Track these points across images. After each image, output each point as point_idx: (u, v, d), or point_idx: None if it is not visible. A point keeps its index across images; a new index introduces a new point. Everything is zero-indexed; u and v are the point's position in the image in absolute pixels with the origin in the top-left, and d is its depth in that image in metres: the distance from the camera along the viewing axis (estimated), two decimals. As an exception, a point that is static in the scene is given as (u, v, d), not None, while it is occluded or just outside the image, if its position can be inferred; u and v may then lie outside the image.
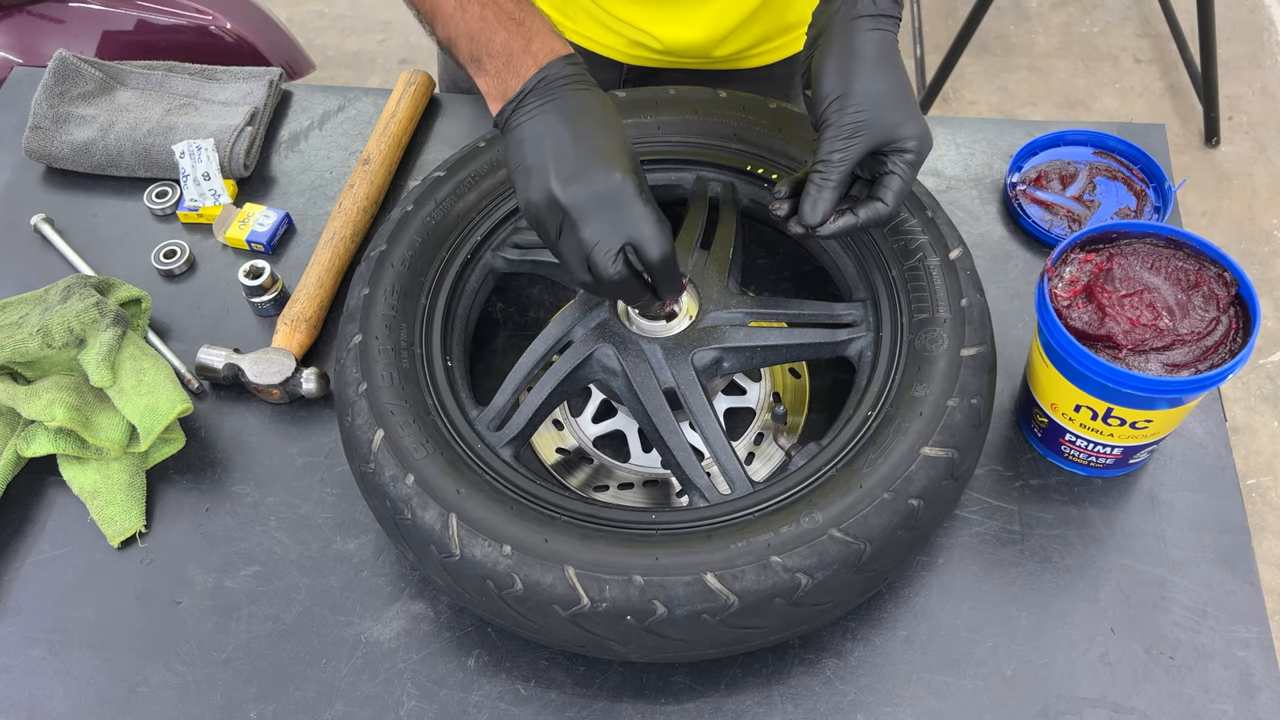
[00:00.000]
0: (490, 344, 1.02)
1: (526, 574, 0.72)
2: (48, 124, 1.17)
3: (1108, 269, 0.83)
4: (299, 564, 0.88)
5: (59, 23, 1.71)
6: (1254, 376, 2.14)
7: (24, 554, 0.90)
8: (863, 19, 0.76)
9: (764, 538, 0.72)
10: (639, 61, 1.15)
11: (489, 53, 0.74)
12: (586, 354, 0.84)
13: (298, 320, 0.99)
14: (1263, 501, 1.98)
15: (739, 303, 0.87)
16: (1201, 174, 2.47)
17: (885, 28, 0.77)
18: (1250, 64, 2.70)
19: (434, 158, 1.17)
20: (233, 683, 0.83)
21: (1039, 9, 2.86)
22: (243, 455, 0.95)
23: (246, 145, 1.14)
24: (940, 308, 0.83)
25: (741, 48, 1.13)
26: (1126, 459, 0.87)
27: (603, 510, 0.77)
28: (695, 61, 1.14)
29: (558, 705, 0.81)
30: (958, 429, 0.77)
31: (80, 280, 0.97)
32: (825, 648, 0.83)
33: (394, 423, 0.79)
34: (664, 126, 0.97)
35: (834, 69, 0.76)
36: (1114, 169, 1.10)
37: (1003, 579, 0.86)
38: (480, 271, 0.93)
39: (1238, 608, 0.83)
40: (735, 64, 1.16)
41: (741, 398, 0.98)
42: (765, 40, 1.14)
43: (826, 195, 0.76)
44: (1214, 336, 0.79)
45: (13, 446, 0.90)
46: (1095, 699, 0.80)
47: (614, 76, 1.18)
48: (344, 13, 2.90)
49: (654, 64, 1.15)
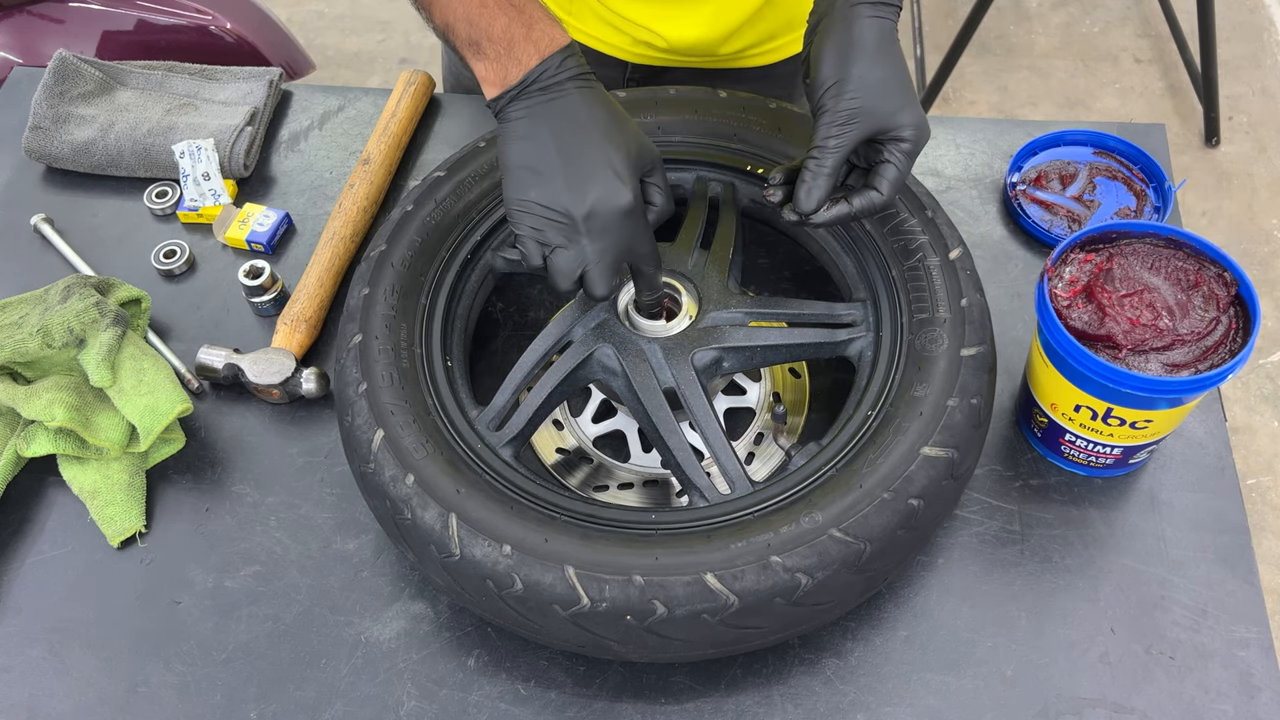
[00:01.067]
0: (490, 344, 1.02)
1: (526, 574, 0.72)
2: (48, 124, 1.17)
3: (1108, 269, 0.83)
4: (299, 564, 0.88)
5: (59, 23, 1.71)
6: (1254, 376, 2.14)
7: (24, 554, 0.90)
8: (863, 5, 0.76)
9: (764, 538, 0.72)
10: (644, 60, 1.15)
11: (489, 38, 0.73)
12: (586, 354, 0.84)
13: (298, 320, 0.99)
14: (1263, 501, 1.98)
15: (739, 303, 0.87)
16: (1201, 174, 2.47)
17: (885, 15, 0.76)
18: (1250, 64, 2.70)
19: (434, 158, 1.17)
20: (233, 683, 0.83)
21: (1039, 9, 2.86)
22: (243, 455, 0.95)
23: (246, 145, 1.14)
24: (940, 308, 0.83)
25: (745, 45, 1.13)
26: (1126, 459, 0.88)
27: (603, 510, 0.77)
28: (700, 60, 1.14)
29: (558, 705, 0.81)
30: (958, 429, 0.77)
31: (80, 280, 0.97)
32: (825, 648, 0.83)
33: (394, 422, 0.79)
34: (664, 126, 0.97)
35: (832, 55, 0.75)
36: (1114, 169, 1.10)
37: (1003, 579, 0.86)
38: (480, 271, 0.93)
39: (1238, 608, 0.83)
40: (739, 62, 1.16)
41: (741, 398, 0.98)
42: (770, 39, 1.14)
43: (821, 182, 0.76)
44: (1214, 336, 0.79)
45: (13, 446, 0.91)
46: (1095, 699, 0.80)
47: (618, 75, 1.18)
48: (344, 13, 2.90)
49: (659, 63, 1.15)
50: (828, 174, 0.75)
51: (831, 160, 0.75)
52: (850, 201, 0.77)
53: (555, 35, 0.74)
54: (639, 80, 1.18)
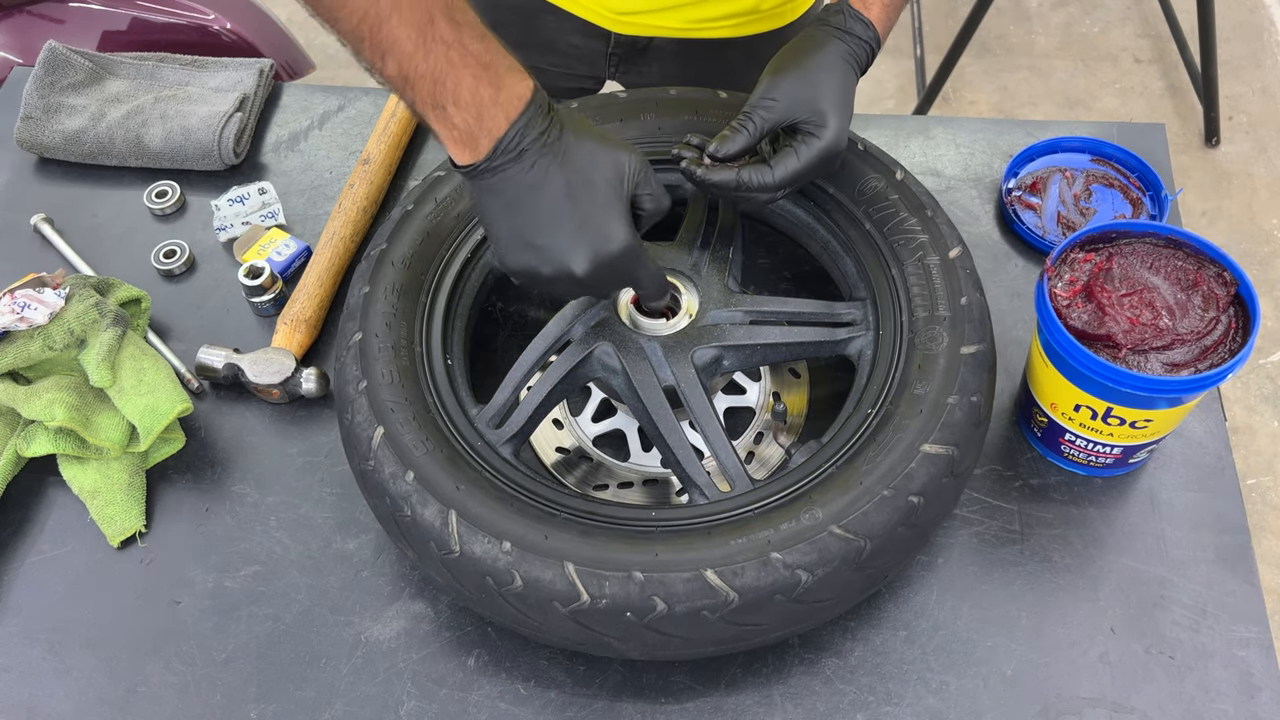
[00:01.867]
0: (490, 342, 1.02)
1: (526, 570, 0.72)
2: (39, 114, 1.17)
3: (1107, 268, 0.83)
4: (299, 564, 0.88)
5: (59, 23, 1.71)
6: (1254, 376, 2.14)
7: (24, 554, 0.90)
8: (829, 28, 0.85)
9: (764, 534, 0.72)
10: (625, 23, 1.14)
11: (455, 102, 0.67)
12: (586, 352, 0.84)
13: (297, 320, 0.99)
14: (1263, 501, 1.98)
15: (739, 301, 0.87)
16: (1201, 174, 2.47)
17: (847, 42, 0.85)
18: (1250, 64, 2.70)
19: (434, 158, 1.17)
20: (233, 682, 0.83)
21: (1039, 9, 2.86)
22: (243, 455, 0.95)
23: (236, 130, 1.14)
24: (940, 306, 0.83)
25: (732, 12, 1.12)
26: (1126, 458, 0.88)
27: (602, 507, 0.77)
28: (683, 25, 1.13)
29: (558, 705, 0.81)
30: (957, 426, 0.77)
31: (80, 280, 0.97)
32: (825, 647, 0.83)
33: (394, 420, 0.79)
34: (664, 127, 0.97)
35: (787, 52, 0.85)
36: (1111, 176, 1.10)
37: (1003, 578, 0.86)
38: (480, 270, 0.93)
39: (1237, 607, 0.83)
40: (721, 31, 1.15)
41: (741, 397, 0.98)
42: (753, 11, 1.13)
43: (737, 140, 0.82)
44: (1213, 336, 0.79)
45: (13, 446, 0.91)
46: (1095, 698, 0.80)
47: (601, 48, 1.18)
48: (344, 13, 2.90)
49: (642, 30, 1.14)
50: (745, 136, 0.82)
51: (751, 125, 0.82)
52: (740, 172, 0.82)
53: (520, 89, 0.68)
54: (621, 55, 1.19)
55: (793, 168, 0.82)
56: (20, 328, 0.91)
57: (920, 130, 1.16)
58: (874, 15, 0.87)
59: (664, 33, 1.15)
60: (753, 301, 0.87)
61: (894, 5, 0.88)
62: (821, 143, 0.82)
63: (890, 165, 0.92)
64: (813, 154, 0.82)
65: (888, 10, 0.88)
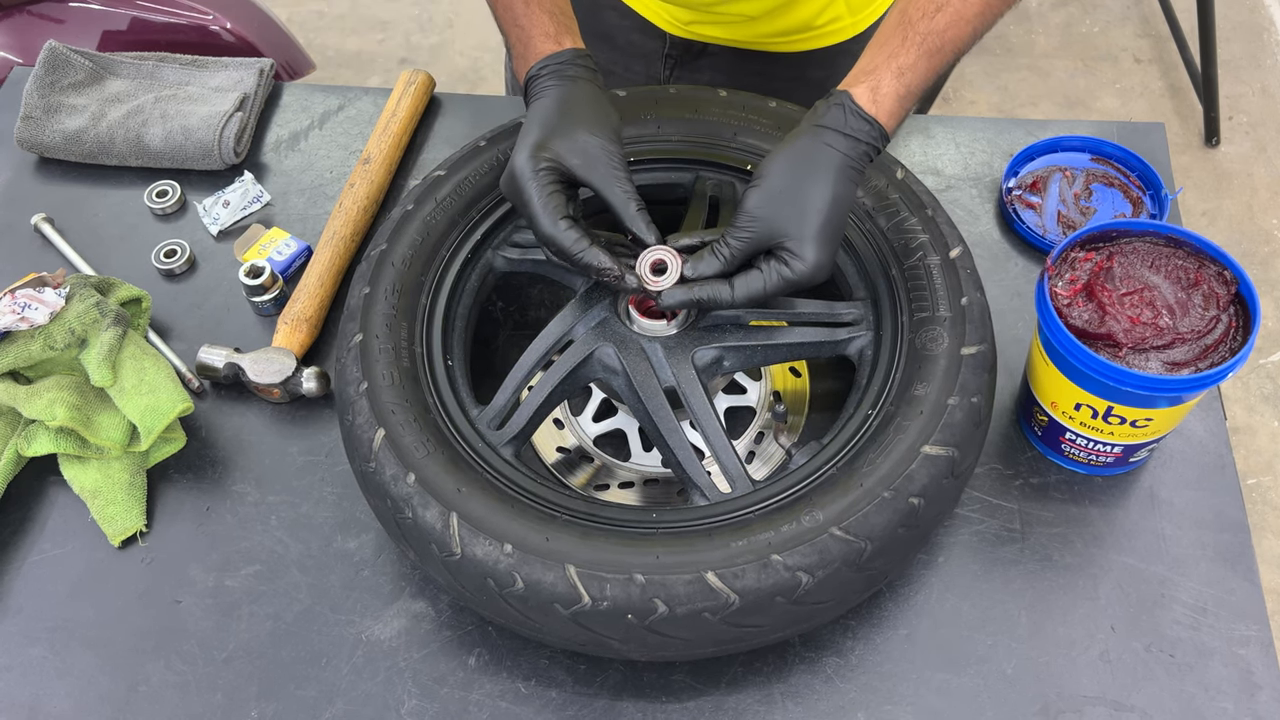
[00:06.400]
0: (490, 343, 1.02)
1: (527, 572, 0.72)
2: (39, 114, 1.17)
3: (1108, 267, 0.83)
4: (300, 563, 0.88)
5: (59, 23, 1.71)
6: (1254, 376, 2.14)
7: (25, 553, 0.90)
8: (826, 130, 0.78)
9: (765, 536, 0.72)
10: (682, 29, 1.15)
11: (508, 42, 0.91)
12: (587, 353, 0.84)
13: (298, 320, 0.99)
14: (1263, 501, 1.98)
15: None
16: (1201, 174, 2.47)
17: (845, 148, 0.78)
18: (1250, 64, 2.70)
19: (434, 157, 1.17)
20: (234, 681, 0.83)
21: (1039, 9, 2.86)
22: (243, 454, 0.95)
23: (236, 130, 1.14)
24: (940, 306, 0.83)
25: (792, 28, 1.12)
26: (1126, 457, 0.88)
27: (603, 509, 0.77)
28: (737, 38, 1.14)
29: (558, 704, 0.81)
30: (958, 427, 0.77)
31: (81, 280, 0.97)
32: (826, 646, 0.83)
33: (394, 421, 0.79)
34: (664, 127, 0.97)
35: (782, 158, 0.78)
36: (1111, 175, 1.10)
37: (1003, 577, 0.86)
38: (480, 270, 0.93)
39: (1238, 606, 0.84)
40: (775, 46, 1.15)
41: (742, 397, 0.98)
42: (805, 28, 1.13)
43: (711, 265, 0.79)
44: (1214, 335, 0.79)
45: (13, 446, 0.91)
46: (1095, 697, 0.80)
47: (658, 47, 1.19)
48: (344, 13, 2.90)
49: (698, 36, 1.15)
50: (718, 262, 0.78)
51: (724, 252, 0.78)
52: (695, 289, 0.78)
53: (542, 49, 0.87)
54: (676, 57, 1.20)
55: (754, 290, 0.78)
56: (21, 327, 0.91)
57: (920, 129, 1.16)
58: (883, 111, 0.78)
59: (719, 41, 1.16)
60: (753, 301, 0.87)
61: (910, 96, 0.80)
62: (793, 276, 0.77)
63: (890, 164, 0.92)
64: (779, 284, 0.77)
65: (902, 103, 0.79)
